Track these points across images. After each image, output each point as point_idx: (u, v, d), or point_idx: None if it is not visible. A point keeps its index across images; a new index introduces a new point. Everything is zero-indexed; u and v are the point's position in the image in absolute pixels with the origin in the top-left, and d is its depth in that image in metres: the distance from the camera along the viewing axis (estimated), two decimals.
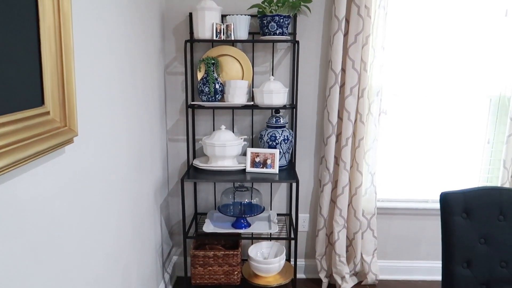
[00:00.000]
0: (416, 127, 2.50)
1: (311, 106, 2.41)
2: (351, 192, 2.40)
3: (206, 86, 2.18)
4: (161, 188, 2.29)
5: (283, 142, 2.21)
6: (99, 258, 1.39)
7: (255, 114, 2.41)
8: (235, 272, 2.26)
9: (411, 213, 2.55)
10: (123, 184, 1.63)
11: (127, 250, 1.69)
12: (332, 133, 2.30)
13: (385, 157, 2.53)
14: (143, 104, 1.91)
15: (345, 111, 2.26)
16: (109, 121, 1.47)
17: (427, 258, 2.61)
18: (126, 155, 1.66)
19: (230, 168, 2.19)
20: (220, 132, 2.19)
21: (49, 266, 1.06)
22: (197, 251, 2.24)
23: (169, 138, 2.45)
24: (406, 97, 2.46)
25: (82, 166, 1.24)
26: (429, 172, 2.55)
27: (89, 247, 1.30)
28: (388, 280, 2.59)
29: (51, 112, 1.03)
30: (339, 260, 2.40)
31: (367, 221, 2.45)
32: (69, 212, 1.17)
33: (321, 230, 2.44)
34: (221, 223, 2.30)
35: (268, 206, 2.52)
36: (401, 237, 2.59)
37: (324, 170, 2.37)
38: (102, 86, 1.40)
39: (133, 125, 1.75)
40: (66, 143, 1.10)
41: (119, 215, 1.59)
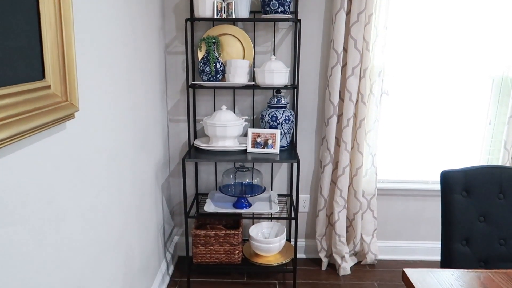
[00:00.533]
0: (418, 108, 2.49)
1: (313, 87, 2.40)
2: (352, 173, 2.41)
3: (207, 65, 2.16)
4: (162, 168, 2.30)
5: (284, 123, 2.21)
6: (101, 235, 1.40)
7: (256, 94, 2.40)
8: (236, 252, 2.28)
9: (411, 194, 2.56)
10: (125, 163, 1.63)
11: (129, 228, 1.70)
12: (333, 114, 2.29)
13: (386, 138, 2.53)
14: (144, 83, 1.90)
15: (347, 92, 2.25)
16: (111, 99, 1.46)
17: (426, 238, 2.64)
18: (128, 134, 1.66)
19: (231, 148, 2.19)
20: (221, 112, 2.18)
21: (49, 244, 1.07)
22: (198, 230, 2.26)
23: (170, 119, 2.45)
24: (408, 78, 2.44)
25: (83, 142, 1.24)
26: (430, 153, 2.55)
27: (91, 225, 1.31)
28: (387, 260, 2.62)
29: (52, 86, 1.03)
30: (339, 240, 2.42)
31: (367, 202, 2.46)
32: (70, 189, 1.17)
33: (321, 210, 2.45)
34: (222, 203, 2.31)
35: (269, 186, 2.53)
36: (400, 217, 2.61)
37: (325, 151, 2.37)
38: (103, 63, 1.39)
39: (134, 104, 1.74)
40: (68, 118, 1.10)
41: (121, 193, 1.59)
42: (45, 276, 1.03)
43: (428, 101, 2.48)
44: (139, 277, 1.86)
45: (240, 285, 2.33)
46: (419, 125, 2.51)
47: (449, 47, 2.38)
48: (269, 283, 2.35)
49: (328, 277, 2.42)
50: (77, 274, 1.21)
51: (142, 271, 1.90)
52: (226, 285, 2.32)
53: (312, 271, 2.49)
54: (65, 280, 1.14)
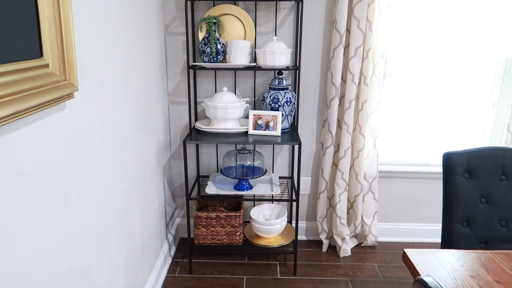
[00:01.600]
0: (420, 90, 2.46)
1: (315, 68, 2.37)
2: (353, 155, 2.40)
3: (208, 46, 2.13)
4: (163, 150, 2.30)
5: (286, 104, 2.19)
6: (103, 216, 1.41)
7: (258, 76, 2.38)
8: (237, 233, 2.29)
9: (412, 176, 2.56)
10: (126, 144, 1.62)
11: (130, 209, 1.71)
12: (335, 96, 2.27)
13: (388, 121, 2.51)
14: (144, 64, 1.88)
15: (349, 73, 2.23)
16: (110, 80, 1.45)
17: (427, 220, 2.65)
18: (128, 115, 1.65)
19: (232, 130, 2.18)
20: (222, 94, 2.16)
21: (50, 225, 1.07)
22: (199, 212, 2.27)
23: (171, 101, 2.43)
24: (411, 59, 2.41)
25: (83, 122, 1.23)
26: (432, 136, 2.54)
27: (91, 206, 1.32)
28: (387, 242, 2.64)
29: (51, 64, 1.01)
30: (340, 222, 2.43)
31: (368, 184, 2.46)
32: (70, 169, 1.17)
33: (322, 193, 2.46)
34: (223, 185, 2.32)
35: (270, 169, 2.53)
36: (401, 200, 2.62)
37: (327, 133, 2.36)
38: (102, 44, 1.37)
39: (134, 85, 1.73)
40: (67, 98, 1.09)
41: (122, 175, 1.59)
42: (46, 256, 1.04)
43: (431, 83, 2.45)
44: (141, 258, 1.87)
45: (241, 266, 2.36)
46: (421, 107, 2.49)
47: (454, 28, 2.34)
48: (270, 264, 2.38)
49: (328, 258, 2.44)
50: (78, 255, 1.22)
51: (144, 252, 1.92)
52: (227, 266, 2.35)
53: (312, 253, 2.51)
54: (66, 260, 1.14)
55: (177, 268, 2.33)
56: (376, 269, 2.35)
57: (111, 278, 1.49)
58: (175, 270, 2.31)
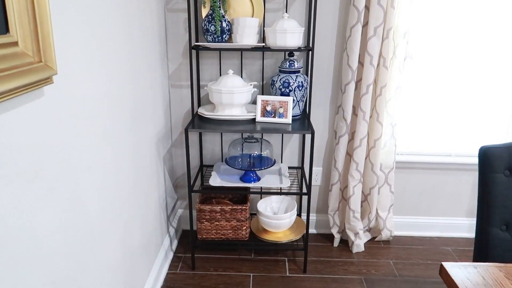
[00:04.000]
0: (444, 74, 2.26)
1: (329, 49, 2.16)
2: (369, 145, 2.21)
3: (212, 24, 1.93)
4: (163, 138, 2.12)
5: (297, 89, 2.00)
6: (94, 215, 1.24)
7: (266, 58, 2.18)
8: (244, 228, 2.14)
9: (431, 167, 2.38)
10: (121, 134, 1.45)
11: (128, 206, 1.54)
12: (352, 80, 2.07)
13: (407, 107, 2.31)
14: (141, 44, 1.68)
15: (367, 55, 2.02)
16: (101, 61, 1.26)
17: (444, 214, 2.48)
18: (124, 101, 1.46)
19: (238, 117, 2.00)
20: (228, 77, 1.97)
21: (35, 224, 0.90)
22: (203, 205, 2.11)
23: (171, 84, 2.24)
24: (434, 41, 2.19)
25: (67, 111, 1.05)
26: (454, 125, 2.34)
27: (80, 205, 1.15)
28: (403, 236, 2.48)
29: (20, 43, 0.83)
30: (353, 216, 2.27)
31: (384, 176, 2.28)
32: (53, 165, 0.99)
33: (335, 184, 2.28)
34: (228, 176, 2.15)
35: (278, 158, 2.36)
36: (419, 192, 2.44)
37: (341, 120, 2.17)
38: (90, 19, 1.17)
39: (130, 68, 1.54)
40: (44, 83, 0.90)
41: (117, 167, 1.42)
42: (35, 263, 0.88)
43: (455, 67, 2.24)
44: (140, 255, 1.72)
45: (247, 262, 2.21)
46: (443, 93, 2.29)
47: (483, 8, 2.12)
48: (278, 260, 2.23)
49: (340, 254, 2.29)
50: (69, 258, 1.06)
51: (143, 249, 1.77)
52: (232, 262, 2.20)
53: (323, 248, 2.35)
54: (54, 266, 0.98)
55: (179, 264, 2.19)
56: (392, 266, 2.20)
57: (108, 279, 1.33)
58: (177, 266, 2.17)
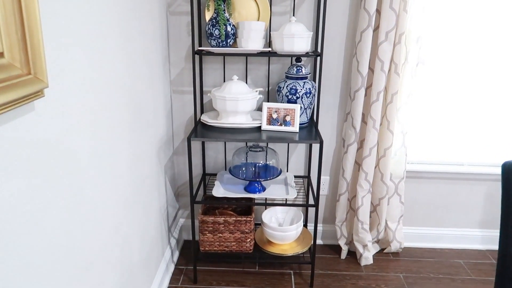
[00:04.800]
0: (456, 81, 2.17)
1: (337, 54, 2.08)
2: (379, 154, 2.13)
3: (216, 28, 1.84)
4: (165, 146, 2.04)
5: (305, 96, 1.91)
6: (91, 232, 1.16)
7: (272, 63, 2.09)
8: (248, 240, 2.05)
9: (443, 177, 2.29)
10: (118, 144, 1.36)
11: (127, 220, 1.46)
12: (361, 86, 1.98)
13: (419, 114, 2.22)
14: (142, 49, 1.60)
15: (378, 60, 1.93)
16: (98, 69, 1.17)
17: (456, 225, 2.39)
18: (121, 110, 1.38)
19: (243, 125, 1.91)
20: (232, 83, 1.88)
21: (28, 250, 0.82)
22: (206, 216, 2.02)
23: (173, 90, 2.15)
24: (447, 46, 2.10)
25: (60, 126, 0.97)
26: (467, 133, 2.25)
27: (75, 222, 1.06)
28: (412, 248, 2.39)
29: (6, 53, 0.74)
30: (362, 228, 2.18)
31: (394, 186, 2.19)
32: (45, 183, 0.91)
33: (342, 195, 2.20)
34: (232, 186, 2.06)
35: (284, 167, 2.27)
36: (429, 202, 2.35)
37: (350, 128, 2.08)
38: (87, 23, 1.09)
39: (130, 74, 1.45)
40: (33, 97, 0.82)
41: (115, 181, 1.34)
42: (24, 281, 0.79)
43: (468, 73, 2.15)
44: (140, 271, 1.64)
45: (251, 275, 2.12)
46: (456, 100, 2.20)
47: (497, 12, 2.03)
48: (284, 273, 2.14)
49: (348, 267, 2.20)
50: (64, 277, 0.98)
51: (143, 263, 1.68)
52: (236, 275, 2.11)
53: (330, 260, 2.26)
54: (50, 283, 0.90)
55: (180, 277, 2.10)
56: (402, 280, 2.11)
57: None
58: (178, 279, 2.08)
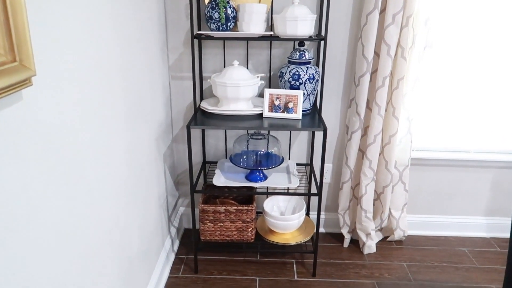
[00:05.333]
0: (464, 65, 2.09)
1: (342, 38, 2.00)
2: (384, 141, 2.07)
3: (216, 11, 1.77)
4: (164, 134, 1.98)
5: (308, 82, 1.85)
6: (88, 226, 1.11)
7: (274, 47, 2.02)
8: (249, 229, 2.01)
9: (448, 164, 2.24)
10: (115, 133, 1.30)
11: (126, 211, 1.41)
12: (366, 71, 1.91)
13: (424, 100, 2.16)
14: (138, 33, 1.52)
15: (384, 44, 1.86)
16: (91, 55, 1.11)
17: (461, 213, 2.36)
18: (117, 97, 1.32)
19: (244, 112, 1.85)
20: (233, 69, 1.82)
21: (23, 244, 0.77)
22: (206, 205, 1.98)
23: (172, 76, 2.08)
24: (456, 28, 2.03)
25: (52, 115, 0.91)
26: (474, 119, 2.19)
27: (71, 217, 1.01)
28: (416, 236, 2.36)
29: None
30: (365, 216, 2.14)
31: (399, 174, 2.15)
32: (37, 178, 0.86)
33: (346, 183, 2.15)
34: (233, 175, 2.01)
35: (286, 154, 2.22)
36: (434, 190, 2.31)
37: (354, 115, 2.02)
38: (77, 5, 1.02)
39: (126, 60, 1.38)
40: (20, 86, 0.76)
41: (112, 172, 1.28)
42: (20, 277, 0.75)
43: (476, 57, 2.08)
44: (139, 262, 1.60)
45: (253, 264, 2.09)
46: (464, 85, 2.13)
47: None
48: (286, 262, 2.11)
49: (351, 256, 2.17)
50: (63, 269, 0.93)
51: (143, 255, 1.64)
52: (237, 264, 2.08)
53: (333, 249, 2.23)
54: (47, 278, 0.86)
55: (181, 266, 2.07)
56: (406, 269, 2.08)
57: None
58: (179, 269, 2.06)
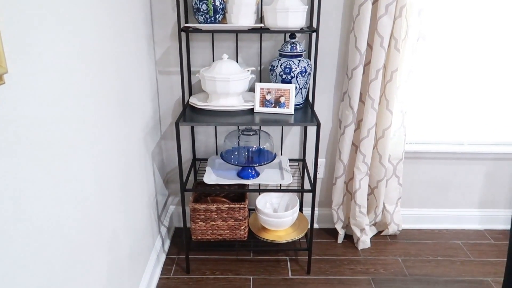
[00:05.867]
0: (457, 56, 2.06)
1: (334, 30, 1.95)
2: (377, 135, 2.03)
3: (203, 2, 1.70)
4: (151, 131, 1.91)
5: (300, 75, 1.79)
6: (73, 230, 1.05)
7: (265, 40, 1.96)
8: (242, 227, 1.96)
9: (441, 157, 2.22)
10: (99, 132, 1.24)
11: (113, 213, 1.35)
12: (359, 64, 1.87)
13: (417, 92, 2.12)
14: (122, 26, 1.45)
15: (377, 36, 1.81)
16: (72, 49, 1.04)
17: (455, 205, 2.34)
18: (101, 95, 1.25)
19: (234, 107, 1.80)
20: (222, 63, 1.75)
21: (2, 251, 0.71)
22: (197, 204, 1.92)
23: (159, 71, 2.01)
24: (447, 19, 1.99)
25: (27, 116, 0.85)
26: (467, 111, 2.17)
27: (55, 222, 0.95)
28: (410, 230, 2.34)
29: None
30: (359, 211, 2.11)
31: (393, 167, 2.12)
32: (11, 183, 0.79)
33: (339, 178, 2.11)
34: (224, 172, 1.96)
35: (278, 150, 2.17)
36: (427, 183, 2.29)
37: (347, 108, 1.98)
38: None
39: (109, 54, 1.31)
40: None
41: (97, 174, 1.22)
42: None
43: (469, 48, 2.04)
44: (128, 265, 1.54)
45: (246, 263, 2.05)
46: (456, 77, 2.10)
47: None
48: (280, 260, 2.07)
49: (345, 252, 2.14)
50: (45, 276, 0.87)
51: (132, 256, 1.59)
52: (230, 263, 2.04)
53: (327, 244, 2.20)
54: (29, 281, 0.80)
55: (172, 267, 2.02)
56: (401, 264, 2.06)
57: None
58: (170, 269, 2.00)
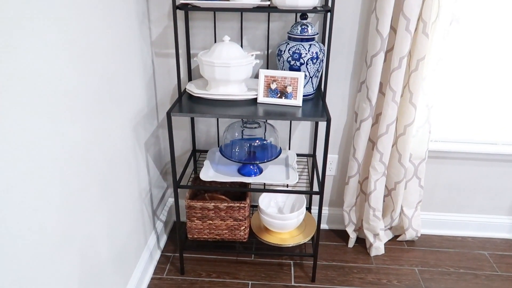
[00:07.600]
0: (496, 44, 1.79)
1: (352, 10, 1.70)
2: (398, 131, 1.81)
3: None
4: (145, 120, 1.74)
5: (311, 62, 1.57)
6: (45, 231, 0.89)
7: (273, 20, 1.73)
8: (242, 228, 1.79)
9: (470, 157, 1.97)
10: (78, 124, 1.06)
11: (87, 215, 1.19)
12: (380, 50, 1.63)
13: (447, 85, 1.87)
14: (111, 2, 1.26)
15: (403, 18, 1.57)
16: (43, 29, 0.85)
17: (481, 211, 2.11)
18: (84, 79, 1.07)
19: (235, 97, 1.60)
20: (222, 46, 1.55)
21: None
22: (193, 201, 1.75)
23: (156, 52, 1.82)
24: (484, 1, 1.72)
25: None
26: (504, 108, 1.90)
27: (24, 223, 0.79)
28: (429, 235, 2.12)
29: None
30: (374, 215, 1.90)
31: (414, 168, 1.89)
32: None
33: (352, 177, 1.90)
34: (224, 167, 1.78)
35: (285, 143, 1.97)
36: (453, 186, 2.05)
37: (364, 100, 1.75)
38: None
39: (98, 34, 1.13)
40: None
41: (75, 170, 1.05)
42: None
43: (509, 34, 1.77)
44: (110, 267, 1.40)
45: (245, 265, 1.88)
46: (494, 67, 1.84)
47: None
48: (283, 264, 1.90)
49: (356, 258, 1.95)
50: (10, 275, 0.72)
51: (115, 258, 1.44)
52: (228, 265, 1.88)
53: (336, 248, 2.01)
54: None
55: (166, 266, 1.88)
56: (417, 275, 1.85)
57: None
58: (164, 269, 1.86)
